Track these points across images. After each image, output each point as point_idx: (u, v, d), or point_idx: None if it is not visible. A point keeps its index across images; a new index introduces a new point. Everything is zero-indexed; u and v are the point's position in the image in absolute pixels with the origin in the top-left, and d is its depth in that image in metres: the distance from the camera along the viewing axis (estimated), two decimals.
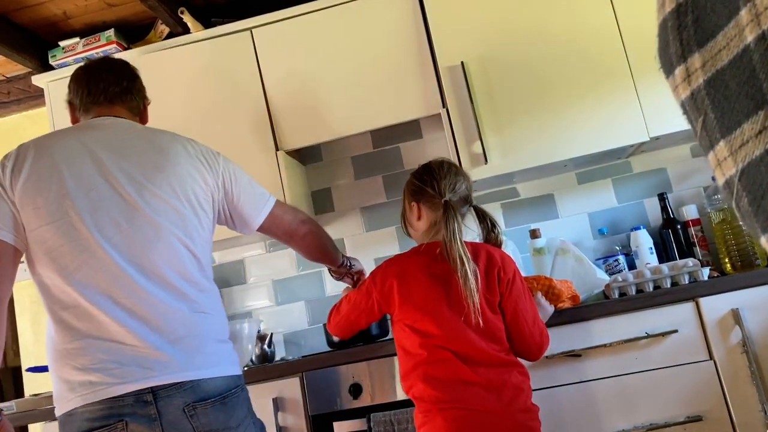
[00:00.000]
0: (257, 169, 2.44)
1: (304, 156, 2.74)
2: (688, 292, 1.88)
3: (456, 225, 1.56)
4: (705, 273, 1.97)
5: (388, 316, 2.10)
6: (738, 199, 0.53)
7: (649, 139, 2.24)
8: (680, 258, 2.28)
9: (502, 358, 1.57)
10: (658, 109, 2.22)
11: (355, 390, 1.97)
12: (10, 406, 2.20)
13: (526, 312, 1.62)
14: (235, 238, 2.52)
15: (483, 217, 1.71)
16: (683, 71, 0.56)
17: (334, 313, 1.79)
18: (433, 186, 1.64)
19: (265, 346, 2.39)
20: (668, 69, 0.59)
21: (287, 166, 2.47)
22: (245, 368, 2.19)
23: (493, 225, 1.71)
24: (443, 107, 2.35)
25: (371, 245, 2.69)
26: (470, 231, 1.67)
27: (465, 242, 1.59)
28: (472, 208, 1.72)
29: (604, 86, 2.25)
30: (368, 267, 2.64)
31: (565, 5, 2.30)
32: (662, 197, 2.43)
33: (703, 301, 1.85)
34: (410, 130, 2.71)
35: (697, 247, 2.35)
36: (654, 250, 2.34)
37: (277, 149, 2.45)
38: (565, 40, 2.29)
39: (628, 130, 2.24)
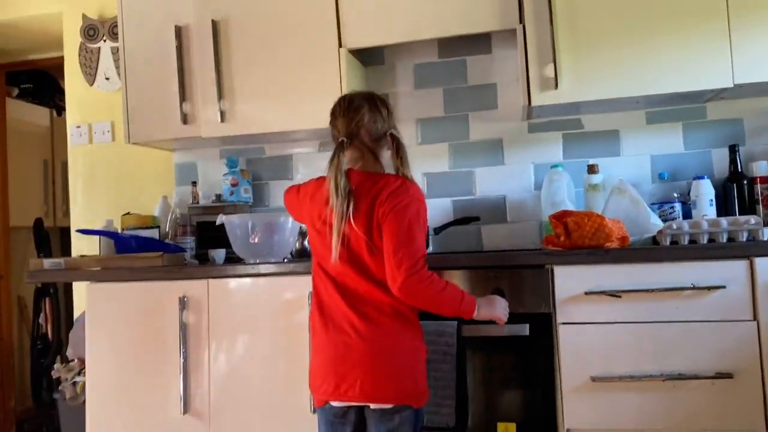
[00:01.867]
0: (317, 64, 2.39)
1: (366, 57, 2.66)
2: (745, 250, 1.81)
3: (336, 163, 1.61)
4: (766, 233, 1.89)
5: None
6: None
7: (732, 85, 2.11)
8: (740, 215, 2.20)
9: (368, 290, 1.59)
10: (748, 55, 2.08)
11: None
12: (58, 263, 2.29)
13: (390, 243, 1.56)
14: (287, 132, 2.52)
15: (397, 149, 1.70)
16: None
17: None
18: (335, 125, 1.70)
19: (306, 242, 2.42)
20: None
21: (348, 65, 2.41)
22: (284, 260, 2.23)
23: (401, 159, 1.69)
24: (520, 23, 2.22)
25: (423, 159, 2.64)
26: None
27: (364, 173, 1.64)
28: (389, 137, 1.70)
29: (696, 23, 2.10)
30: (417, 182, 2.62)
31: None
32: (733, 149, 2.32)
33: (758, 260, 1.78)
34: (480, 43, 2.59)
35: (761, 206, 2.25)
36: (714, 203, 2.25)
37: (340, 46, 2.38)
38: None
39: (712, 73, 2.11)
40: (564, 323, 1.88)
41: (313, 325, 1.68)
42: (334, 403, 1.63)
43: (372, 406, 1.59)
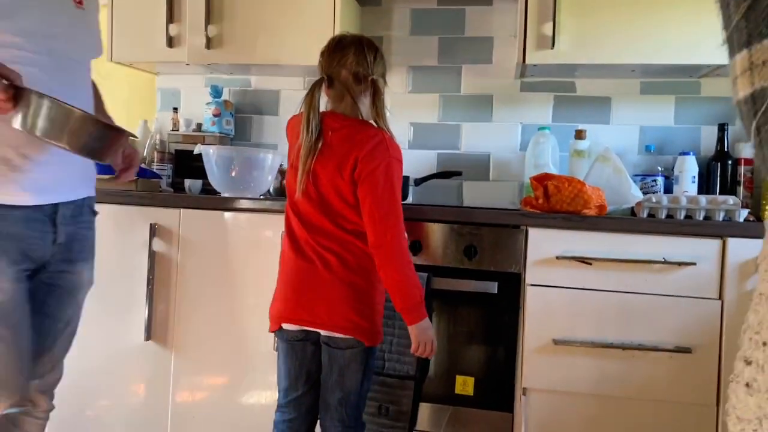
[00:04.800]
0: (310, 2, 2.31)
1: None
2: (719, 229, 1.82)
3: (310, 98, 1.62)
4: (742, 214, 1.89)
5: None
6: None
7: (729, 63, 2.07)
8: (721, 194, 2.20)
9: (339, 235, 1.61)
10: None
11: None
12: None
13: (374, 206, 1.57)
14: (273, 66, 2.45)
15: (374, 98, 1.67)
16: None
17: None
18: (320, 63, 1.70)
19: (284, 182, 2.39)
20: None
21: (343, 2, 2.33)
22: (261, 197, 2.20)
23: (377, 108, 1.66)
24: None
25: (411, 108, 2.60)
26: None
27: (343, 118, 1.63)
28: (370, 82, 1.66)
29: None
30: (404, 131, 2.59)
31: None
32: (723, 127, 2.30)
33: (731, 241, 1.79)
34: None
35: (742, 187, 2.25)
36: (696, 180, 2.25)
37: None
38: None
39: (712, 48, 2.06)
40: (532, 284, 1.88)
41: (283, 254, 1.70)
42: (287, 326, 1.66)
43: (323, 332, 1.62)
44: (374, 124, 1.67)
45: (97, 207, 2.17)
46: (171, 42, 2.44)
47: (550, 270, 1.87)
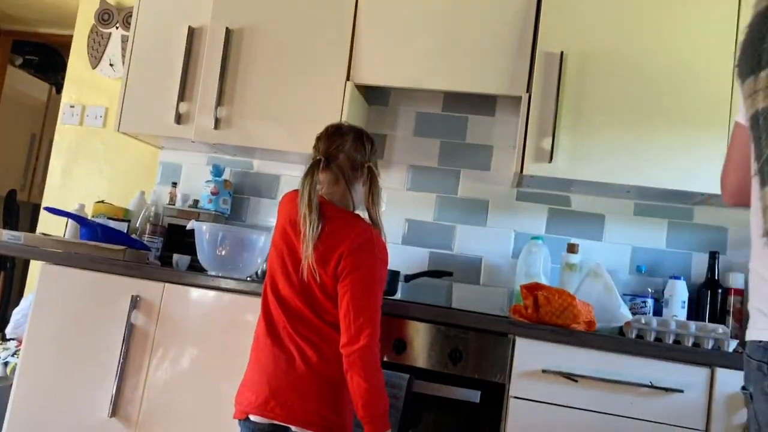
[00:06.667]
0: (321, 92, 2.38)
1: (371, 96, 2.67)
2: (708, 358, 1.79)
3: (310, 179, 1.61)
4: (732, 345, 1.87)
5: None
6: None
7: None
8: (710, 322, 2.18)
9: (318, 324, 1.58)
10: None
11: None
12: (18, 236, 2.22)
13: (351, 305, 1.54)
14: (277, 152, 2.49)
15: (371, 184, 1.68)
16: None
17: None
18: (317, 146, 1.71)
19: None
20: (751, 68, 0.50)
21: (352, 99, 2.40)
22: (248, 278, 2.18)
23: (373, 196, 1.67)
24: (527, 92, 2.24)
25: (407, 205, 2.62)
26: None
27: (336, 208, 1.64)
28: (366, 169, 1.69)
29: (698, 126, 2.13)
30: (398, 226, 2.60)
31: (689, 24, 2.16)
32: (714, 255, 2.31)
33: (720, 371, 1.76)
34: (484, 104, 2.60)
35: (731, 317, 2.24)
36: (686, 305, 2.24)
37: (347, 79, 2.38)
38: (677, 63, 2.15)
39: (706, 177, 2.12)
40: (516, 397, 1.82)
41: (257, 338, 1.66)
42: (255, 418, 1.59)
43: (294, 428, 1.55)
44: (367, 212, 1.67)
45: (80, 273, 2.14)
46: (179, 119, 2.49)
47: (536, 383, 1.82)
